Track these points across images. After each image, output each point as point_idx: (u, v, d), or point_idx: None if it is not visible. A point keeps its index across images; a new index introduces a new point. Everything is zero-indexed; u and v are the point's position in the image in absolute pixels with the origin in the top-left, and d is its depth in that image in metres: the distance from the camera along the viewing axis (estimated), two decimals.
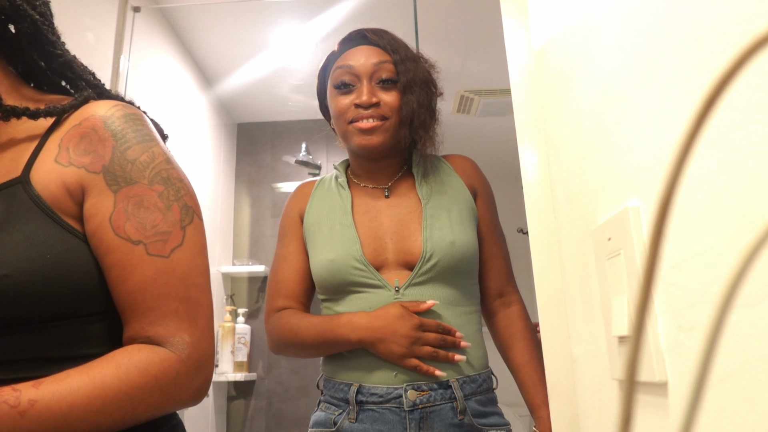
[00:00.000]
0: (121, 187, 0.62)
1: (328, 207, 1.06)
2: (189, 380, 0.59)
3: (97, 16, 1.78)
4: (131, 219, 0.62)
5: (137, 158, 0.64)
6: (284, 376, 2.81)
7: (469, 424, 0.93)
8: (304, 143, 3.00)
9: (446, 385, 0.93)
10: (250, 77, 2.68)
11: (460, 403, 0.92)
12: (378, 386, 0.93)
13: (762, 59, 0.32)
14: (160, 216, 0.63)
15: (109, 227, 0.61)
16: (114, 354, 0.57)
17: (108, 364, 0.56)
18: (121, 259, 0.60)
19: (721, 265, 0.37)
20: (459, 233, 0.99)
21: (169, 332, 0.60)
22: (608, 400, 0.57)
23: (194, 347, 0.60)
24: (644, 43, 0.46)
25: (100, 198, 0.62)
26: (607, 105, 0.54)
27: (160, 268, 0.61)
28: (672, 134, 0.42)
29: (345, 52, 1.04)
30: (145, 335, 0.60)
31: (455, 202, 1.04)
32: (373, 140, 0.99)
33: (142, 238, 0.62)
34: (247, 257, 2.94)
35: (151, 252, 0.62)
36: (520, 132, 0.78)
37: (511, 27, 0.82)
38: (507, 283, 1.07)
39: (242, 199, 3.06)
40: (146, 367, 0.56)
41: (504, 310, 1.05)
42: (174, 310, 0.61)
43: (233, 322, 2.67)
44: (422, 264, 0.96)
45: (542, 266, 0.73)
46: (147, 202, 0.63)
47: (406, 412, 0.91)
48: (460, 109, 2.96)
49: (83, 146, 0.63)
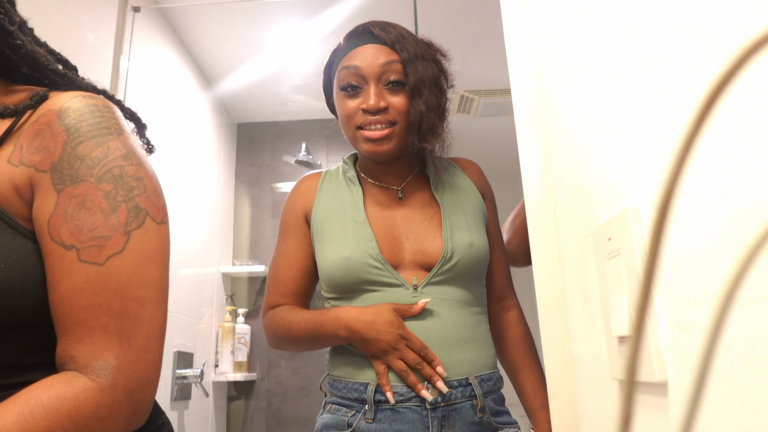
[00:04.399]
0: (66, 186, 0.56)
1: (339, 203, 1.04)
2: (114, 410, 0.52)
3: (97, 16, 1.78)
4: (68, 221, 0.55)
5: (88, 154, 0.57)
6: (284, 376, 2.81)
7: (487, 422, 0.93)
8: (304, 143, 3.00)
9: (466, 382, 0.92)
10: (250, 77, 2.68)
11: (480, 401, 0.92)
12: (398, 385, 0.91)
13: (762, 59, 0.32)
14: (101, 218, 0.56)
15: (47, 231, 0.55)
16: (20, 396, 0.50)
17: (10, 411, 0.48)
18: (52, 265, 0.54)
19: (721, 265, 0.37)
20: (476, 235, 1.00)
21: (94, 353, 0.53)
22: (608, 400, 0.57)
23: (121, 371, 0.53)
24: (645, 42, 0.46)
25: (45, 199, 0.56)
26: (607, 105, 0.54)
27: (91, 277, 0.54)
28: (672, 134, 0.42)
29: (351, 51, 1.01)
30: (69, 354, 0.53)
31: (469, 204, 1.05)
32: (382, 149, 0.98)
33: (76, 243, 0.55)
34: (247, 257, 2.93)
35: (83, 258, 0.55)
36: (520, 132, 0.78)
37: (511, 27, 0.82)
38: (507, 287, 1.08)
39: (242, 199, 3.06)
40: (56, 407, 0.49)
41: (503, 314, 1.07)
42: (103, 326, 0.54)
43: (233, 322, 2.67)
44: (443, 264, 0.95)
45: (542, 266, 0.73)
46: (89, 203, 0.56)
47: (428, 410, 0.90)
48: (460, 109, 2.96)
49: (36, 143, 0.57)
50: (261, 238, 2.98)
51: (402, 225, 1.00)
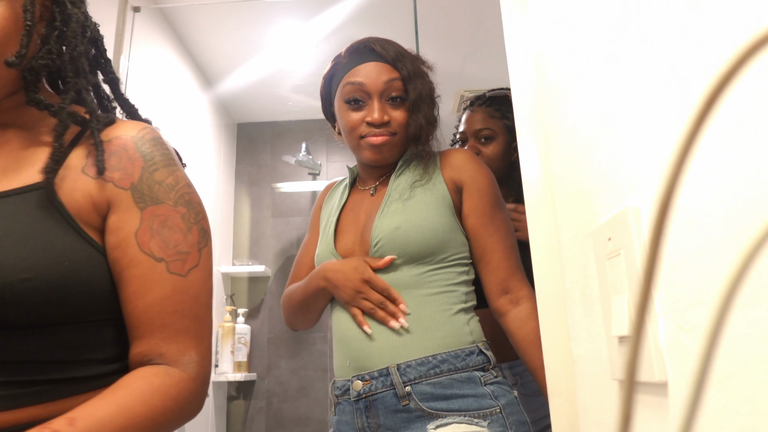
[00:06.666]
0: (147, 205, 0.66)
1: (330, 206, 1.19)
2: (198, 398, 0.64)
3: (97, 16, 1.77)
4: (155, 237, 0.65)
5: (164, 180, 0.68)
6: (284, 376, 2.81)
7: (416, 409, 0.92)
8: (304, 143, 3.00)
9: (385, 372, 0.95)
10: (250, 77, 2.68)
11: (400, 389, 0.93)
12: (339, 380, 1.02)
13: (762, 59, 0.32)
14: (181, 236, 0.67)
15: (135, 242, 0.64)
16: (135, 380, 0.60)
17: (132, 393, 0.59)
18: (143, 274, 0.64)
19: (721, 265, 0.37)
20: (412, 218, 0.99)
21: (180, 350, 0.64)
22: (608, 400, 0.57)
23: (200, 365, 0.65)
24: (644, 42, 0.46)
25: (127, 213, 0.65)
26: (606, 105, 0.54)
27: (177, 286, 0.65)
28: (672, 134, 0.42)
29: (354, 67, 1.08)
30: (158, 351, 0.63)
31: (423, 192, 1.03)
32: (383, 156, 1.08)
33: (165, 256, 0.65)
34: (247, 257, 2.93)
35: (172, 270, 0.66)
36: (520, 132, 0.78)
37: (511, 27, 0.82)
38: (510, 278, 1.01)
39: (242, 199, 3.06)
40: (166, 391, 0.60)
41: (513, 309, 0.99)
42: (185, 328, 0.65)
43: (233, 322, 2.67)
44: (371, 251, 1.02)
45: (542, 266, 0.73)
46: (171, 222, 0.67)
47: (353, 403, 0.98)
48: (460, 109, 2.96)
49: (112, 162, 0.67)
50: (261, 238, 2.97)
51: (362, 220, 1.10)
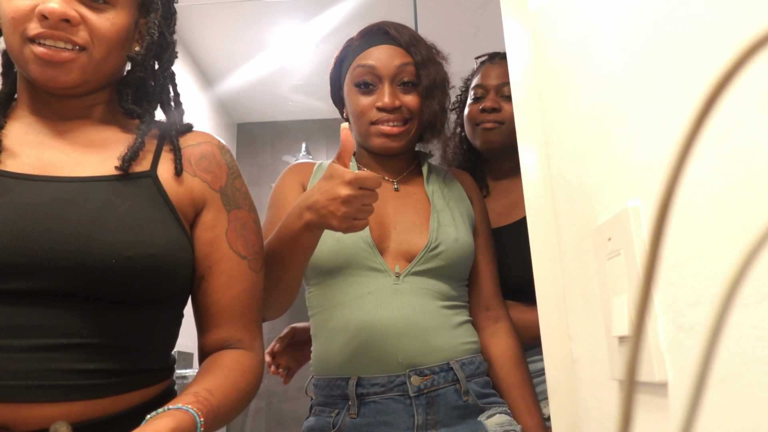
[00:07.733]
0: (232, 208, 0.77)
1: None
2: (262, 378, 0.76)
3: None
4: (240, 237, 0.76)
5: (241, 187, 0.79)
6: None
7: (473, 405, 0.94)
8: (304, 143, 3.01)
9: (447, 367, 0.93)
10: (250, 77, 2.68)
11: (463, 385, 0.93)
12: (379, 376, 0.91)
13: (762, 59, 0.32)
14: (255, 238, 0.78)
15: (225, 240, 0.74)
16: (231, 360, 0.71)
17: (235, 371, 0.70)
18: (231, 269, 0.74)
19: (721, 265, 0.37)
20: (462, 232, 1.02)
21: (252, 337, 0.75)
22: (608, 400, 0.57)
23: (263, 351, 0.77)
24: (644, 42, 0.46)
25: (219, 214, 0.75)
26: (607, 105, 0.54)
27: (255, 282, 0.76)
28: (672, 134, 0.42)
29: (366, 50, 1.04)
30: (237, 337, 0.74)
31: (457, 206, 1.07)
32: (395, 144, 1.02)
33: (247, 255, 0.76)
34: None
35: (252, 267, 0.76)
36: (520, 132, 0.78)
37: (511, 27, 0.82)
38: (493, 297, 1.07)
39: None
40: (253, 371, 0.72)
41: (492, 326, 1.05)
42: (256, 318, 0.77)
43: None
44: (426, 252, 0.96)
45: (542, 266, 0.73)
46: (248, 226, 0.78)
47: (411, 399, 0.90)
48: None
49: (204, 164, 0.76)
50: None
51: (392, 215, 1.02)
